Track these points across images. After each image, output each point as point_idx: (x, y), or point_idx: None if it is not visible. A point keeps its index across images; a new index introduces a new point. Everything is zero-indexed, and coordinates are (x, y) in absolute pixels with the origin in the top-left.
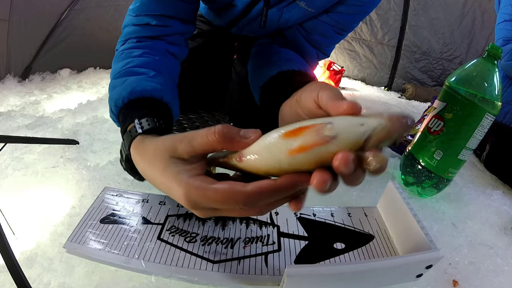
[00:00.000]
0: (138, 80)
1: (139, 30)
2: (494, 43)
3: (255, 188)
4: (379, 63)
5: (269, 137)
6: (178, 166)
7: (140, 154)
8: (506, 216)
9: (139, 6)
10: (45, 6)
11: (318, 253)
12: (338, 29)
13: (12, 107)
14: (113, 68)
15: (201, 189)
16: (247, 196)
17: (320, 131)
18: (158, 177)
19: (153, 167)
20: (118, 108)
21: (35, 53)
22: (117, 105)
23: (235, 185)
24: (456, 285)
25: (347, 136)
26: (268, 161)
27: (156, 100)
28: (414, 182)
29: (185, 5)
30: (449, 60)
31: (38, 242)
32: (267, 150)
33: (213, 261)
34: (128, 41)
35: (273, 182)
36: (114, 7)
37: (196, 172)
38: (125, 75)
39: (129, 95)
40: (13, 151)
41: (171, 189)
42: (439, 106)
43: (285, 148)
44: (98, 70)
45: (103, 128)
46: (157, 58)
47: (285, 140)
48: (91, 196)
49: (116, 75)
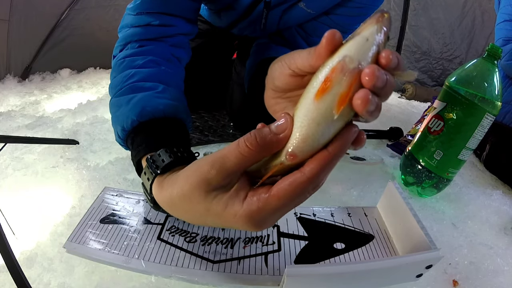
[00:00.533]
0: (146, 97)
1: (140, 32)
2: (494, 43)
3: (313, 166)
4: None
5: (305, 113)
6: (221, 199)
7: (169, 202)
8: (506, 216)
9: (140, 4)
10: (45, 6)
11: (318, 253)
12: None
13: (12, 107)
14: (113, 81)
15: (263, 207)
16: (311, 179)
17: (345, 69)
18: (205, 219)
19: (193, 212)
20: (126, 132)
21: (35, 53)
22: (125, 128)
23: (292, 177)
24: (456, 285)
25: (368, 55)
26: (321, 134)
27: (169, 119)
28: (414, 182)
29: (189, 2)
30: (449, 60)
31: (38, 242)
32: (315, 125)
33: (213, 261)
34: (128, 45)
35: (326, 153)
36: (114, 7)
37: (244, 194)
38: (130, 92)
39: (139, 116)
40: (13, 151)
41: (228, 224)
42: (439, 106)
43: (329, 108)
44: (98, 70)
45: (103, 128)
46: (163, 68)
47: (322, 101)
48: (91, 196)
49: (118, 91)
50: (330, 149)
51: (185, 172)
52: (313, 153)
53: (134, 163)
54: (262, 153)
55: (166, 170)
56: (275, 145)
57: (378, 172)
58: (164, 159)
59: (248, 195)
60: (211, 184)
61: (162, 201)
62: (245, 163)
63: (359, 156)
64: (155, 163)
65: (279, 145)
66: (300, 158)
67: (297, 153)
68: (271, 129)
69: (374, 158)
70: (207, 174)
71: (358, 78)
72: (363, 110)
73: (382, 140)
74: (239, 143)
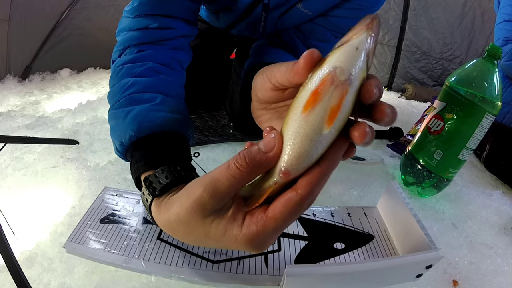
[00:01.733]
0: (144, 111)
1: (138, 35)
2: (494, 43)
3: (307, 184)
4: (379, 63)
5: (296, 129)
6: (220, 224)
7: (168, 226)
8: (506, 216)
9: (138, 6)
10: (45, 6)
11: (318, 253)
12: (338, 34)
13: (12, 107)
14: (111, 90)
15: (262, 230)
16: (306, 197)
17: (335, 81)
18: (206, 242)
19: (193, 236)
20: (124, 147)
21: (35, 53)
22: (123, 143)
23: (286, 197)
24: (456, 285)
25: (358, 65)
26: (314, 150)
27: (168, 133)
28: (414, 182)
29: (188, 3)
30: (449, 60)
31: (38, 242)
32: (308, 141)
33: (213, 261)
34: (127, 50)
35: (319, 169)
36: (114, 7)
37: (241, 217)
38: (128, 104)
39: (137, 132)
40: (13, 151)
41: (230, 247)
42: (439, 106)
43: (321, 122)
44: (98, 70)
45: (103, 128)
46: (162, 76)
47: (313, 115)
48: (91, 196)
49: (116, 102)
50: (323, 165)
51: (179, 197)
52: (306, 169)
53: (134, 178)
54: (253, 174)
55: (163, 191)
56: (265, 165)
57: (378, 172)
58: (161, 181)
59: (246, 219)
60: (206, 209)
61: (161, 224)
62: (237, 185)
63: (359, 156)
64: (152, 184)
65: (270, 164)
66: (294, 175)
67: (291, 170)
68: (260, 148)
69: (374, 158)
70: (200, 199)
71: (348, 91)
72: (360, 143)
73: (382, 140)
74: (229, 165)
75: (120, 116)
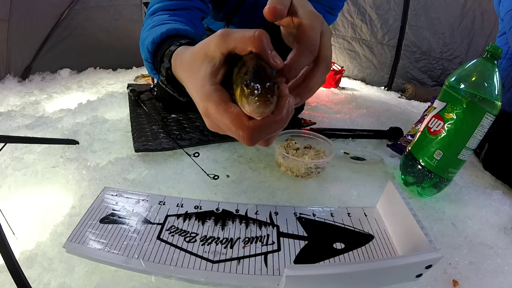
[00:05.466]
0: (174, 24)
1: (164, 5)
2: (494, 42)
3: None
4: (379, 63)
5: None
6: (206, 71)
7: (180, 59)
8: (506, 216)
9: None
10: (45, 6)
11: (317, 253)
12: (327, 7)
13: (12, 107)
14: (143, 28)
15: (215, 113)
16: (249, 128)
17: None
18: (191, 80)
19: (190, 71)
20: (155, 45)
21: (35, 53)
22: (154, 41)
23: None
24: (456, 285)
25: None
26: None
27: (189, 37)
28: (414, 182)
29: None
30: (449, 60)
31: (38, 242)
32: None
33: (213, 261)
34: (157, 13)
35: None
36: (114, 7)
37: (218, 79)
38: (160, 24)
39: (167, 32)
40: (13, 151)
41: (195, 97)
42: (439, 106)
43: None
44: (98, 70)
45: (103, 128)
46: (183, 19)
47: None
48: (91, 196)
49: (148, 29)
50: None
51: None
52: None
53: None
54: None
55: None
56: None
57: (378, 172)
58: (182, 41)
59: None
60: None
61: (175, 62)
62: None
63: (359, 156)
64: (179, 42)
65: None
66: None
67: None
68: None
69: (374, 158)
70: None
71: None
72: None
73: (382, 140)
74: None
75: (154, 30)
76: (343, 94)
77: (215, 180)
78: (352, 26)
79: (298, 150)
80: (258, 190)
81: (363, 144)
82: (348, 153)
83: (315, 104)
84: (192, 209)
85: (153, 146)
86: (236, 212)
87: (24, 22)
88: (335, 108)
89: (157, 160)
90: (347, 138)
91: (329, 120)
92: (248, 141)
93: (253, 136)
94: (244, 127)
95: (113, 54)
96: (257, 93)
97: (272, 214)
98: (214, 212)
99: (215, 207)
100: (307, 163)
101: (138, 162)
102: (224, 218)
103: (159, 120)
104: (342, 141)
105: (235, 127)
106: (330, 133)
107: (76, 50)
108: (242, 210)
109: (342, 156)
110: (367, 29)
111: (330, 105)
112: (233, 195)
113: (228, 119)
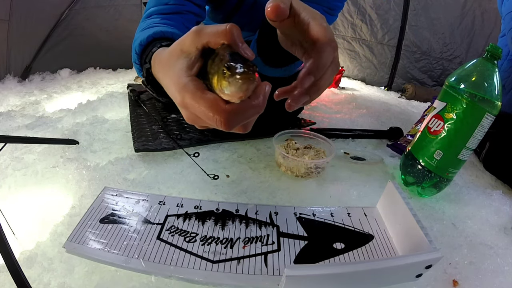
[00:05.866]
0: (161, 27)
1: (159, 8)
2: (494, 42)
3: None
4: (379, 63)
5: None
6: (182, 64)
7: (158, 58)
8: (506, 216)
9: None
10: (45, 6)
11: (317, 253)
12: (326, 8)
13: (12, 107)
14: (137, 30)
15: (191, 102)
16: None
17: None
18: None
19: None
20: (142, 47)
21: (35, 53)
22: (141, 43)
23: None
24: (456, 285)
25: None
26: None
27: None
28: (414, 182)
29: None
30: (449, 60)
31: (38, 242)
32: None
33: (213, 261)
34: (152, 16)
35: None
36: (114, 7)
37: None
38: (149, 27)
39: (154, 34)
40: (13, 151)
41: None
42: (439, 106)
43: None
44: (98, 70)
45: (103, 128)
46: (174, 23)
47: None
48: (91, 196)
49: (139, 31)
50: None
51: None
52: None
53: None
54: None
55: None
56: (235, 47)
57: (378, 172)
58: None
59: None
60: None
61: (154, 61)
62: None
63: (359, 156)
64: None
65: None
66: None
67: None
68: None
69: (374, 158)
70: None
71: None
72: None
73: (382, 140)
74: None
75: (142, 33)
76: (343, 94)
77: (215, 180)
78: (352, 26)
79: (298, 150)
80: (258, 190)
81: (363, 144)
82: (348, 153)
83: (315, 104)
84: (192, 209)
85: (153, 146)
86: (236, 212)
87: (24, 22)
88: (335, 108)
89: (157, 160)
90: (347, 138)
91: (329, 120)
92: (225, 125)
93: (230, 120)
94: (221, 111)
95: (113, 54)
96: (240, 71)
97: (272, 214)
98: (214, 212)
99: (215, 207)
100: (307, 163)
101: (138, 162)
102: (224, 218)
103: (159, 120)
104: (342, 141)
105: (212, 112)
106: (330, 133)
107: (76, 50)
108: (242, 210)
109: (342, 156)
110: (367, 29)
111: (330, 105)
112: (233, 195)
113: (205, 105)
